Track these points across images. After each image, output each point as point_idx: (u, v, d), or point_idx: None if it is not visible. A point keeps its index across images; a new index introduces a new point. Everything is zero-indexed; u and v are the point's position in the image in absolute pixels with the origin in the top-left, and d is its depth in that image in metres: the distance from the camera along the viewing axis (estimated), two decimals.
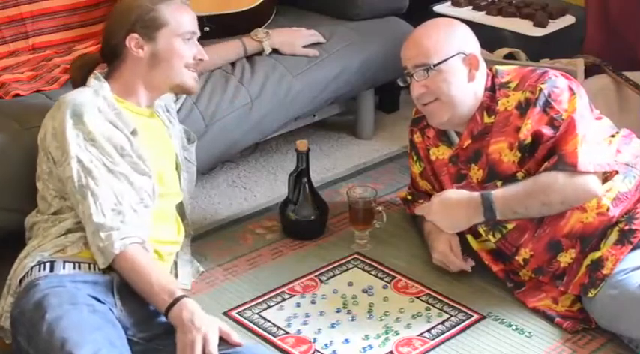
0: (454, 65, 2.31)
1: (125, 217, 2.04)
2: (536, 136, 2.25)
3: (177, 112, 2.54)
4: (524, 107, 2.28)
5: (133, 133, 2.15)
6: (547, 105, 2.25)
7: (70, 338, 1.82)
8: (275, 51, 2.87)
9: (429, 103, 2.33)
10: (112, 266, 2.01)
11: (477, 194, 2.28)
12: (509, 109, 2.30)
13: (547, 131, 2.24)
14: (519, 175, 2.29)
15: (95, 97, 2.15)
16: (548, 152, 2.25)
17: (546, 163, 2.24)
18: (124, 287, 2.02)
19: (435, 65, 2.29)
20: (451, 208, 2.32)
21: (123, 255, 1.99)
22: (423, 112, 2.42)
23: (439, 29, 2.37)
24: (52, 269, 2.01)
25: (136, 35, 2.20)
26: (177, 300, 1.94)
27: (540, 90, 2.26)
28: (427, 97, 2.32)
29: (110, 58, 2.26)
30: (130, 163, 2.12)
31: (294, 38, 2.91)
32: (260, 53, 2.84)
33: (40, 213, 2.18)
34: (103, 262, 2.00)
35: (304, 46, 2.91)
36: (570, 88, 2.29)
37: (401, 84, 2.38)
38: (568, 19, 3.31)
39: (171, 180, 2.33)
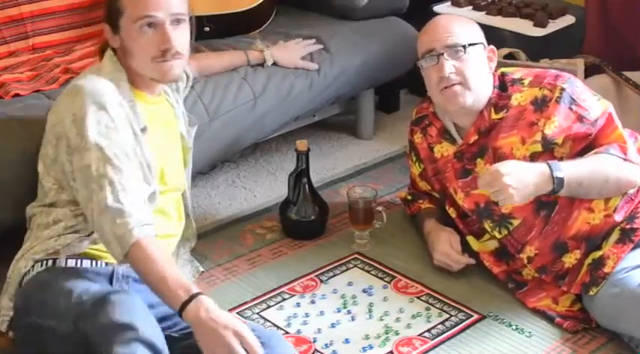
0: (479, 52, 2.34)
1: (141, 206, 1.95)
2: (568, 133, 2.26)
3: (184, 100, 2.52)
4: (540, 104, 2.29)
5: (144, 130, 2.09)
6: (573, 103, 2.27)
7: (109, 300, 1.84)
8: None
9: (453, 86, 2.31)
10: (126, 257, 1.90)
11: (541, 164, 2.21)
12: (524, 104, 2.32)
13: (580, 128, 2.26)
14: None
15: (114, 87, 2.06)
16: (585, 147, 2.26)
17: (596, 150, 2.24)
18: (124, 279, 2.01)
19: (466, 47, 2.30)
20: (521, 172, 2.17)
21: (139, 244, 1.87)
22: (441, 97, 2.34)
23: (461, 19, 2.44)
24: (53, 263, 2.00)
25: (106, 26, 2.12)
26: (193, 297, 1.81)
27: (563, 89, 2.28)
28: (454, 78, 2.31)
29: (103, 51, 2.19)
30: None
31: (294, 52, 2.88)
32: (262, 64, 2.82)
33: (37, 201, 2.13)
34: (120, 252, 1.89)
35: (303, 58, 2.90)
36: (587, 88, 2.34)
37: (422, 65, 2.35)
38: (568, 19, 3.31)
39: (173, 174, 2.25)
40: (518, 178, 2.14)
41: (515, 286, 2.40)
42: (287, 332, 2.28)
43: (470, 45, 2.32)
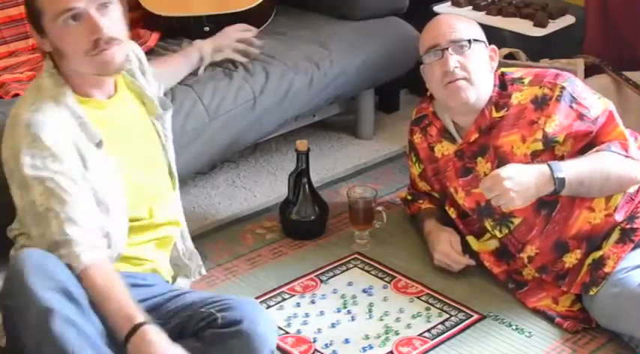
0: (482, 50, 2.35)
1: (92, 232, 1.87)
2: (569, 132, 2.26)
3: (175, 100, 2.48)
4: (540, 102, 2.29)
5: (99, 144, 1.95)
6: (573, 101, 2.27)
7: None
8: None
9: (457, 80, 2.31)
10: None
11: (542, 165, 2.21)
12: (524, 103, 2.32)
13: (580, 126, 2.26)
14: None
15: (56, 107, 1.91)
16: (586, 144, 2.26)
17: (597, 147, 2.24)
18: None
19: (471, 41, 2.31)
20: (521, 175, 2.17)
21: (85, 271, 1.81)
22: (444, 92, 2.33)
23: (463, 18, 2.45)
24: None
25: (33, 31, 1.96)
26: (137, 327, 1.76)
27: (563, 88, 2.28)
28: (458, 73, 2.31)
29: (45, 55, 2.02)
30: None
31: (221, 43, 2.72)
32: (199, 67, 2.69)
33: (16, 223, 2.04)
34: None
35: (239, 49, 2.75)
36: (587, 87, 2.35)
37: (426, 61, 2.35)
38: (568, 19, 3.30)
39: (146, 179, 2.09)
40: (518, 181, 2.14)
41: (515, 286, 2.40)
42: (287, 332, 2.28)
43: (474, 40, 2.32)
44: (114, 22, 1.92)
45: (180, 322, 1.92)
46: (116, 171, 1.98)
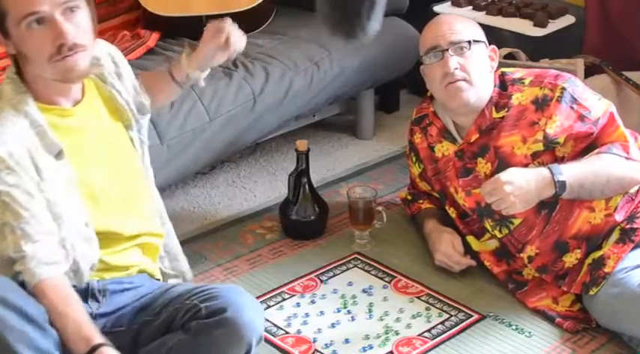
0: (482, 51, 2.35)
1: (49, 246, 1.80)
2: (570, 133, 2.26)
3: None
4: (541, 103, 2.29)
5: (59, 155, 1.86)
6: (574, 102, 2.27)
7: None
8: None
9: (457, 81, 2.30)
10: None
11: (542, 168, 2.22)
12: (524, 104, 2.32)
13: (581, 127, 2.26)
14: (531, 166, 2.30)
15: (14, 116, 1.83)
16: (588, 145, 2.26)
17: (598, 149, 2.24)
18: (101, 293, 1.94)
19: (471, 42, 2.31)
20: (522, 179, 2.17)
21: (40, 286, 1.76)
22: (445, 93, 2.33)
23: (464, 18, 2.45)
24: None
25: None
26: (94, 349, 1.72)
27: (564, 89, 2.28)
28: (459, 74, 2.31)
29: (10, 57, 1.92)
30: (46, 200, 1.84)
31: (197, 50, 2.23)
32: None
33: None
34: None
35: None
36: (587, 88, 2.35)
37: (426, 62, 2.35)
38: (568, 19, 3.30)
39: (114, 190, 1.98)
40: (519, 186, 2.14)
41: (515, 286, 2.40)
42: (287, 332, 2.28)
43: (474, 41, 2.32)
44: (79, 27, 1.83)
45: (167, 317, 1.90)
46: (76, 182, 1.89)
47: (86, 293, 1.92)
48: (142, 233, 2.03)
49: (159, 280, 2.12)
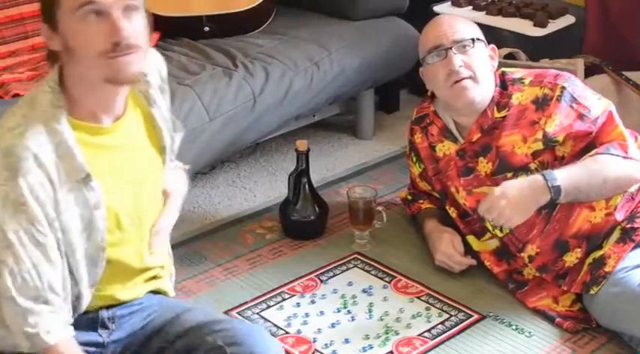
0: (483, 49, 2.36)
1: (55, 303, 1.68)
2: (569, 132, 2.26)
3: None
4: (541, 103, 2.29)
5: (86, 179, 1.71)
6: (573, 101, 2.28)
7: None
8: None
9: (463, 80, 2.30)
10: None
11: (536, 175, 2.22)
12: (525, 103, 2.32)
13: (581, 126, 2.26)
14: (532, 166, 2.30)
15: (42, 134, 1.66)
16: (587, 144, 2.26)
17: (596, 150, 2.24)
18: (110, 320, 1.87)
19: (474, 40, 2.32)
20: (515, 190, 2.19)
21: (52, 349, 1.67)
22: (450, 92, 2.32)
23: (462, 18, 2.45)
24: None
25: (45, 25, 1.71)
26: None
27: (563, 88, 2.28)
28: (464, 71, 2.31)
29: (53, 60, 1.77)
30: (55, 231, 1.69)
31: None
32: None
33: None
34: (30, 348, 1.68)
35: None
36: (587, 88, 2.35)
37: (429, 62, 2.34)
38: (568, 19, 3.30)
39: (140, 218, 1.85)
40: (512, 198, 2.16)
41: (515, 286, 2.40)
42: (287, 332, 2.28)
43: (477, 39, 2.33)
44: (136, 28, 1.69)
45: (184, 348, 1.84)
46: (101, 205, 1.75)
47: (95, 323, 1.86)
48: (153, 266, 1.94)
49: (166, 293, 2.02)
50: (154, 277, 1.96)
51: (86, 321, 1.79)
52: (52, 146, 1.67)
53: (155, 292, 1.98)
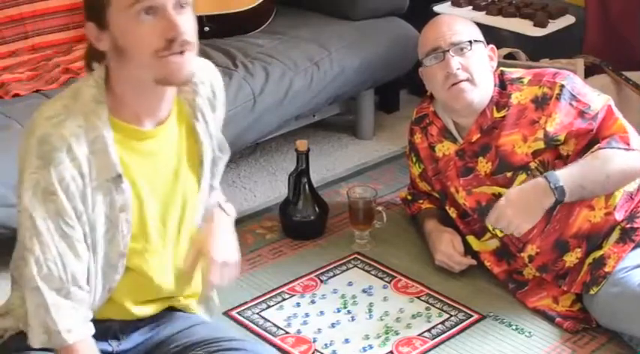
0: (482, 50, 2.36)
1: (77, 297, 1.67)
2: (570, 130, 2.26)
3: None
4: (541, 102, 2.30)
5: (116, 179, 1.67)
6: (573, 99, 2.28)
7: None
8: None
9: (460, 82, 2.30)
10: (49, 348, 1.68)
11: (538, 178, 2.23)
12: (524, 103, 2.32)
13: (581, 124, 2.26)
14: (532, 165, 2.30)
15: (80, 127, 1.63)
16: (589, 142, 2.26)
17: (598, 145, 2.24)
18: (121, 330, 1.84)
19: (472, 42, 2.32)
20: (520, 201, 2.20)
21: (71, 349, 1.66)
22: (448, 95, 2.33)
23: (462, 19, 2.45)
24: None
25: (91, 24, 1.65)
26: None
27: (562, 86, 2.29)
28: (461, 74, 2.31)
29: (97, 59, 1.72)
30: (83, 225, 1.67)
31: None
32: None
33: (16, 251, 1.78)
34: (43, 342, 1.66)
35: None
36: (586, 84, 2.35)
37: (426, 64, 2.35)
38: (568, 19, 3.30)
39: (168, 233, 1.80)
40: (518, 205, 2.18)
41: (515, 286, 2.40)
42: (287, 332, 2.28)
43: (474, 41, 2.33)
44: (188, 25, 1.64)
45: None
46: (130, 210, 1.71)
47: (107, 333, 1.82)
48: (179, 295, 1.87)
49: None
50: (180, 304, 1.91)
51: (98, 330, 1.74)
52: (88, 140, 1.64)
53: (172, 308, 1.91)
